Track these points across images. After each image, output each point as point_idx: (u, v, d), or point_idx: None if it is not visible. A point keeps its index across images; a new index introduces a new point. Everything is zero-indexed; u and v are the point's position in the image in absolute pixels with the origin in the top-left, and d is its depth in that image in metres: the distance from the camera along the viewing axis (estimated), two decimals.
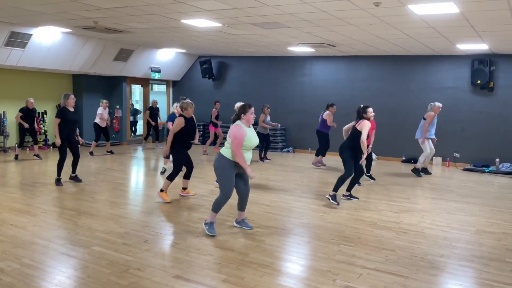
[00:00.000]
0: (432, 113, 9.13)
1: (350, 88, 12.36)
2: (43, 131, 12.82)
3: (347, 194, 6.79)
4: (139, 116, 17.14)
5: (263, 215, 5.77)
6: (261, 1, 6.28)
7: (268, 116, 11.10)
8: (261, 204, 6.41)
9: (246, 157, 4.78)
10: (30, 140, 11.48)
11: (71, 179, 7.79)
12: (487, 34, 8.05)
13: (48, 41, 10.57)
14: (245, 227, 5.13)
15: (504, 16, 6.49)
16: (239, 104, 7.54)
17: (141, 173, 9.56)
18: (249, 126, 4.88)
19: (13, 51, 10.22)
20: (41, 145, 12.68)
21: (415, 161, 10.22)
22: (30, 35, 10.04)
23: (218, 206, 4.88)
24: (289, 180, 8.48)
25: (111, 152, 11.92)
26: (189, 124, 6.45)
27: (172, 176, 6.46)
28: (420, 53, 11.04)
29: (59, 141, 7.32)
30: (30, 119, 10.46)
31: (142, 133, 16.08)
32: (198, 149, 13.47)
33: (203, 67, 14.45)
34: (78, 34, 10.53)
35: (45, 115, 12.94)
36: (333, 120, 10.02)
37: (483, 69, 10.49)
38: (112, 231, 4.95)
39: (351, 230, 5.19)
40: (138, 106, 17.44)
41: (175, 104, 8.69)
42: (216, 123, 12.13)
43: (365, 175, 8.37)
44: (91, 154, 11.54)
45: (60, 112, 7.40)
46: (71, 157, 7.69)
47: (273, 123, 11.11)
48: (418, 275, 3.84)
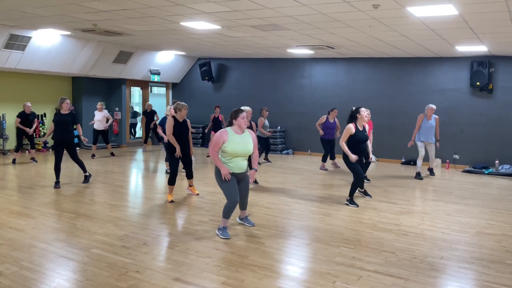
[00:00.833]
0: (421, 114, 9.12)
1: (350, 90, 12.37)
2: (42, 133, 12.81)
3: (362, 191, 7.07)
4: (138, 118, 17.15)
5: (262, 217, 5.76)
6: (260, 3, 6.29)
7: (266, 120, 11.05)
8: (260, 206, 6.40)
9: (234, 165, 4.73)
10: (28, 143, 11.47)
11: (85, 178, 8.02)
12: (486, 36, 8.06)
13: (48, 43, 10.58)
14: (247, 224, 5.23)
15: (503, 18, 6.50)
16: (244, 108, 7.48)
17: (140, 176, 9.55)
18: (241, 132, 4.79)
19: (12, 54, 10.23)
20: (40, 147, 12.69)
21: (414, 163, 10.21)
22: (30, 37, 10.05)
23: (228, 212, 4.89)
24: (289, 182, 8.47)
25: (112, 154, 11.92)
26: (180, 128, 6.46)
27: (171, 180, 6.60)
28: (419, 55, 11.05)
29: (29, 130, 8.26)
30: (28, 123, 10.46)
31: (141, 136, 16.10)
32: (202, 151, 13.46)
33: (203, 69, 14.46)
34: (77, 36, 10.54)
35: (44, 118, 12.93)
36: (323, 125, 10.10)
37: (482, 71, 10.50)
38: (111, 233, 4.94)
39: (350, 232, 5.19)
40: (138, 109, 17.44)
41: (168, 106, 8.78)
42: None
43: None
44: (92, 157, 11.55)
45: (54, 116, 7.70)
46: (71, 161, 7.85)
47: (266, 132, 10.85)
48: (418, 277, 3.83)
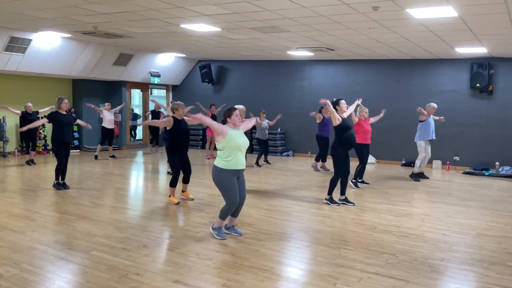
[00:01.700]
0: (425, 112, 9.15)
1: (349, 92, 12.33)
2: (42, 136, 12.82)
3: (342, 199, 6.71)
4: (138, 120, 17.15)
5: (262, 219, 5.76)
6: (260, 5, 6.30)
7: (265, 121, 11.07)
8: (260, 208, 6.39)
9: (237, 161, 4.73)
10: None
11: (63, 185, 7.58)
12: (485, 37, 8.07)
13: (48, 46, 10.59)
14: (234, 233, 5.03)
15: (503, 19, 6.51)
16: (237, 107, 7.56)
17: (140, 178, 9.55)
18: (235, 128, 4.87)
19: (12, 56, 10.24)
20: (40, 150, 12.70)
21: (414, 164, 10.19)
22: (30, 40, 10.06)
23: (226, 214, 4.89)
24: (289, 184, 8.47)
25: (113, 156, 11.91)
26: (180, 128, 6.44)
27: (172, 182, 6.58)
28: (419, 56, 11.06)
29: (25, 128, 7.85)
30: (29, 123, 10.45)
31: (142, 138, 16.10)
32: (202, 153, 13.46)
33: (203, 71, 14.47)
34: (77, 39, 10.56)
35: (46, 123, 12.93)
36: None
37: (482, 72, 10.51)
38: (111, 236, 4.94)
39: (351, 234, 5.18)
40: (138, 111, 17.45)
41: (169, 107, 8.79)
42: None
43: (355, 180, 8.26)
44: (95, 158, 11.56)
45: (50, 114, 7.48)
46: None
47: (266, 133, 11.01)
48: (419, 279, 3.82)
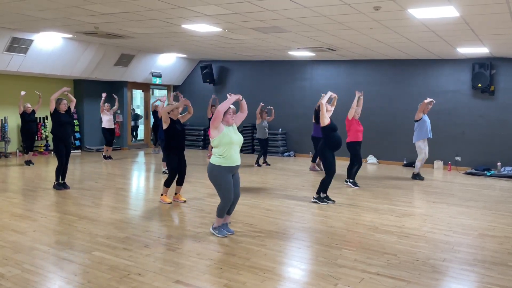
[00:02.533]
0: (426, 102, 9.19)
1: (351, 92, 12.32)
2: (44, 136, 12.83)
3: (324, 196, 6.79)
4: (140, 121, 17.16)
5: (264, 219, 5.76)
6: (261, 6, 6.30)
7: (265, 121, 11.08)
8: (262, 208, 6.39)
9: (232, 157, 4.77)
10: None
11: (63, 185, 7.59)
12: (487, 37, 8.06)
13: (49, 46, 10.61)
14: (226, 232, 5.06)
15: (505, 19, 6.50)
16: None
17: (142, 178, 9.56)
18: (228, 126, 4.90)
19: (14, 57, 10.25)
20: (42, 150, 12.71)
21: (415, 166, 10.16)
22: (32, 40, 10.08)
23: (223, 212, 4.93)
24: (290, 184, 8.46)
25: (109, 157, 11.92)
26: (175, 128, 6.44)
27: (167, 182, 6.58)
28: (421, 57, 11.05)
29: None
30: (29, 123, 10.49)
31: (143, 138, 16.11)
32: (203, 153, 13.47)
33: (204, 71, 14.47)
34: (79, 39, 10.57)
35: (46, 120, 12.95)
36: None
37: (483, 72, 10.49)
38: (112, 236, 4.94)
39: (352, 234, 5.18)
40: (139, 111, 17.46)
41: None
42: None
43: (347, 181, 8.30)
44: (109, 158, 11.62)
45: (53, 114, 7.48)
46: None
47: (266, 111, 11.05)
48: (420, 280, 3.81)
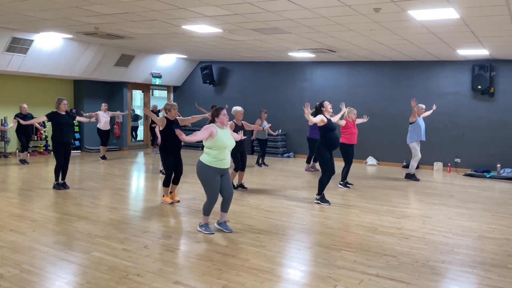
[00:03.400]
0: (416, 104, 9.21)
1: (351, 94, 12.36)
2: (44, 136, 12.83)
3: (319, 198, 6.83)
4: (139, 121, 17.16)
5: (263, 221, 5.75)
6: (261, 7, 6.30)
7: (265, 122, 11.09)
8: (261, 210, 6.39)
9: (222, 159, 4.89)
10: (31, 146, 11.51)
11: (63, 185, 7.62)
12: (487, 39, 8.06)
13: (50, 47, 10.61)
14: (225, 230, 5.17)
15: (504, 21, 6.50)
16: (236, 108, 7.61)
17: (141, 179, 9.55)
18: (223, 127, 4.99)
19: (14, 57, 10.25)
20: (41, 150, 12.71)
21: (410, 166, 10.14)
22: (32, 40, 10.08)
23: (209, 209, 5.07)
24: (290, 186, 8.46)
25: (104, 157, 11.92)
26: (172, 129, 6.41)
27: (165, 182, 6.62)
28: (421, 58, 11.05)
29: (38, 119, 8.23)
30: (24, 125, 10.48)
31: (143, 139, 16.10)
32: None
33: (204, 72, 14.48)
34: (79, 40, 10.57)
35: (45, 121, 12.93)
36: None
37: (483, 74, 10.50)
38: (112, 236, 4.94)
39: (352, 236, 5.17)
40: (139, 112, 17.46)
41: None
42: None
43: (344, 181, 8.33)
44: (104, 158, 11.67)
45: (51, 113, 7.46)
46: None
47: (262, 127, 10.93)
48: (420, 281, 3.81)
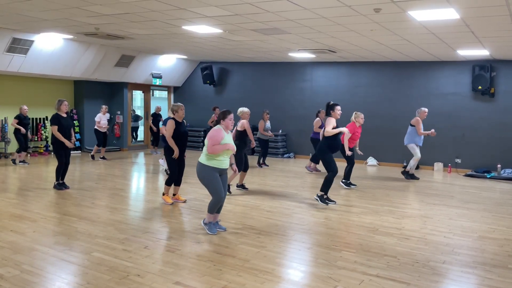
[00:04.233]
0: (418, 118, 9.21)
1: (351, 94, 12.37)
2: (44, 136, 12.84)
3: (325, 197, 6.87)
4: (140, 122, 17.17)
5: (264, 221, 5.75)
6: (262, 7, 6.30)
7: (268, 122, 11.13)
8: (262, 210, 6.39)
9: (223, 161, 4.94)
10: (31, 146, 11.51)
11: (62, 184, 7.67)
12: (487, 39, 8.06)
13: (50, 47, 10.61)
14: (219, 229, 5.23)
15: (505, 21, 6.50)
16: (242, 109, 7.55)
17: (141, 179, 9.55)
18: (227, 131, 5.03)
19: (15, 58, 10.26)
20: (42, 151, 12.71)
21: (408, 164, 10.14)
22: (32, 41, 10.08)
23: (214, 207, 5.08)
24: (290, 186, 8.46)
25: (103, 158, 11.93)
26: (180, 130, 6.45)
27: (169, 181, 6.63)
28: (421, 59, 11.05)
29: (68, 143, 7.40)
30: (24, 126, 10.52)
31: (143, 139, 16.11)
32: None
33: (204, 73, 14.48)
34: (79, 40, 10.58)
35: (46, 121, 12.95)
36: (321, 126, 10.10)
37: (484, 75, 10.49)
38: (112, 237, 4.94)
39: (352, 236, 5.17)
40: (139, 112, 17.47)
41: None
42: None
43: (345, 180, 8.35)
44: (92, 158, 11.61)
45: (55, 118, 7.42)
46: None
47: (269, 133, 10.95)
48: (420, 282, 3.81)
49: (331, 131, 6.46)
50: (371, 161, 12.06)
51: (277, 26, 7.69)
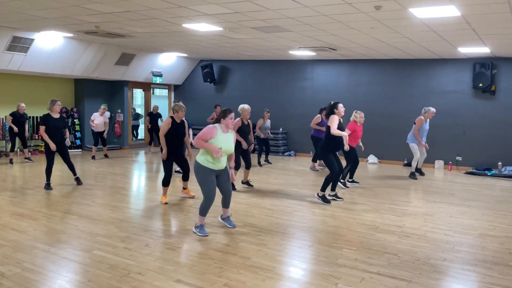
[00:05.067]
0: (421, 117, 9.18)
1: (352, 92, 12.36)
2: None
3: (333, 194, 6.96)
4: (140, 120, 17.17)
5: (264, 219, 5.75)
6: (262, 5, 6.29)
7: (268, 121, 11.12)
8: (262, 208, 6.39)
9: (218, 162, 4.86)
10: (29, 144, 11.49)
11: (76, 180, 7.95)
12: (488, 37, 8.04)
13: (50, 45, 10.61)
14: (228, 225, 5.24)
15: (506, 19, 6.49)
16: (243, 106, 7.54)
17: (142, 177, 9.56)
18: (227, 131, 4.94)
19: (15, 56, 10.26)
20: (42, 149, 12.71)
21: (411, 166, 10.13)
22: (32, 39, 10.08)
23: (205, 210, 5.00)
24: (291, 184, 8.46)
25: (106, 156, 11.96)
26: (177, 129, 6.44)
27: (164, 181, 6.61)
28: (422, 56, 11.04)
29: (53, 145, 7.35)
30: (19, 123, 10.51)
31: (143, 137, 16.12)
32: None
33: (205, 71, 14.47)
34: (80, 38, 10.57)
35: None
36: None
37: (484, 72, 10.47)
38: (113, 235, 4.94)
39: (353, 234, 5.17)
40: (140, 111, 17.47)
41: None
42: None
43: (348, 180, 8.40)
44: (93, 158, 11.60)
45: (43, 118, 7.43)
46: (63, 163, 7.75)
47: (262, 134, 11.00)
48: (421, 279, 3.81)
49: (336, 132, 6.52)
50: (372, 159, 12.05)
51: (277, 24, 7.68)
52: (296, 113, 13.28)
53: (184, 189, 7.00)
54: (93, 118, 11.66)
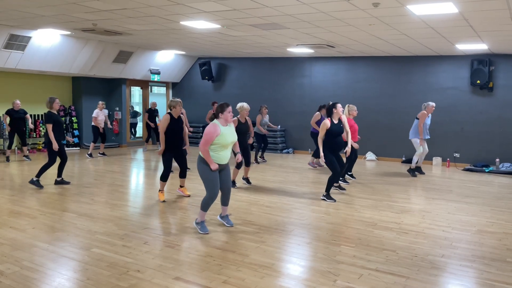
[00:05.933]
0: (424, 112, 9.16)
1: (350, 89, 12.36)
2: (42, 133, 12.81)
3: (337, 185, 7.20)
4: (138, 118, 17.14)
5: (263, 216, 5.76)
6: (260, 2, 6.28)
7: (267, 116, 11.13)
8: (261, 205, 6.40)
9: (222, 156, 4.86)
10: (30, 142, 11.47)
11: (56, 183, 7.69)
12: (486, 34, 8.05)
13: (47, 43, 10.57)
14: (226, 224, 5.22)
15: (503, 16, 6.49)
16: (242, 105, 7.52)
17: (140, 175, 9.55)
18: (226, 124, 4.91)
19: (12, 54, 10.22)
20: (40, 147, 12.69)
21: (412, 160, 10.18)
22: (29, 37, 10.05)
23: (206, 205, 4.99)
24: (289, 181, 8.47)
25: (103, 154, 11.93)
26: (175, 125, 6.44)
27: (163, 176, 6.61)
28: (420, 53, 11.04)
29: (56, 145, 7.30)
30: (15, 120, 10.47)
31: (142, 135, 16.10)
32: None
33: (203, 68, 14.45)
34: (77, 36, 10.54)
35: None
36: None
37: (482, 69, 10.49)
38: (112, 233, 4.94)
39: (351, 231, 5.18)
40: (138, 108, 17.45)
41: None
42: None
43: (347, 174, 8.46)
44: (90, 156, 11.56)
45: (50, 116, 7.36)
46: (58, 160, 7.67)
47: (272, 125, 11.09)
48: (419, 276, 3.82)
49: (320, 142, 6.61)
50: (370, 156, 12.07)
51: (275, 21, 7.67)
52: (294, 111, 13.28)
53: (181, 187, 6.99)
54: (96, 115, 11.60)
